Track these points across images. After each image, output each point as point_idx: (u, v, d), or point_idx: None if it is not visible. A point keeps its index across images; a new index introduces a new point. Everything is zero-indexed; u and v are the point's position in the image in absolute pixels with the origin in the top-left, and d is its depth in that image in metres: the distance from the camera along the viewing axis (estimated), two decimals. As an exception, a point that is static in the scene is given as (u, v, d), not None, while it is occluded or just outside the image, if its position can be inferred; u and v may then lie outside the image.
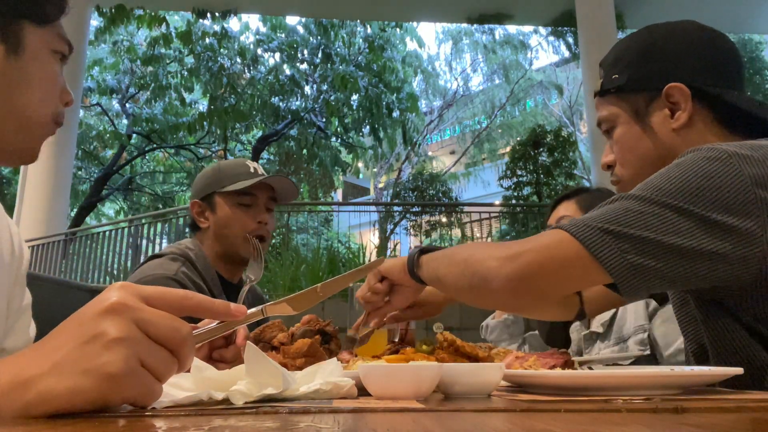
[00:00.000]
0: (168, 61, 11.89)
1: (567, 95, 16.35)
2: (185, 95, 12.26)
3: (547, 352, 0.95)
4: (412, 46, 15.12)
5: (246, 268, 1.36)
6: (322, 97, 12.31)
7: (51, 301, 1.59)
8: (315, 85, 12.63)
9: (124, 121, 13.22)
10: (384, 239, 10.46)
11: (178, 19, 12.49)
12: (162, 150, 14.07)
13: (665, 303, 1.63)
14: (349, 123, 13.03)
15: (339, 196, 18.77)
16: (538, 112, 17.45)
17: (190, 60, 11.90)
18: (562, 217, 1.87)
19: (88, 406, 0.49)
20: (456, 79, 17.86)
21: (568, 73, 16.48)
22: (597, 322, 1.74)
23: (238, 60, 11.98)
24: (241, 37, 12.62)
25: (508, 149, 11.47)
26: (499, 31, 15.24)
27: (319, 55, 12.40)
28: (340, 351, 1.14)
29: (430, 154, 19.20)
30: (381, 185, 18.37)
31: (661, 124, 1.03)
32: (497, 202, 10.37)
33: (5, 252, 0.89)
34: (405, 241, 10.46)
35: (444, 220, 9.50)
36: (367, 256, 6.98)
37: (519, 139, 11.91)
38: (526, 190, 8.84)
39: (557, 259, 0.85)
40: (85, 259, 8.28)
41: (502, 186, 9.32)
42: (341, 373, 0.76)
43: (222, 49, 11.58)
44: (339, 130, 13.28)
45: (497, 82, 17.32)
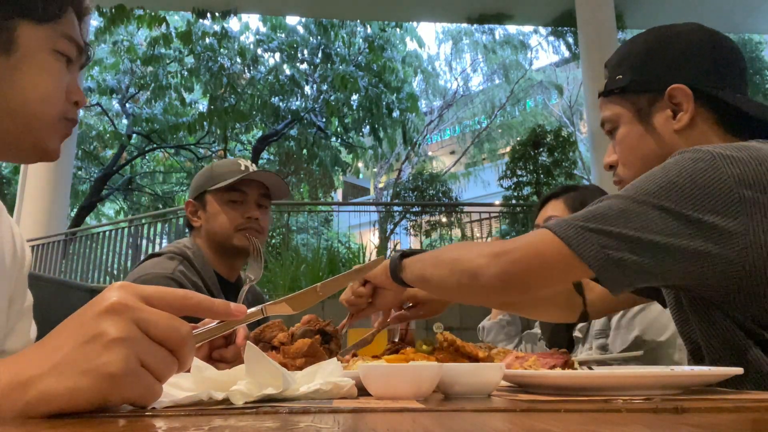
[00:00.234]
0: (168, 61, 11.88)
1: (567, 95, 16.33)
2: (185, 95, 12.26)
3: (548, 352, 0.95)
4: (412, 46, 15.14)
5: (245, 266, 1.36)
6: (322, 97, 12.31)
7: (51, 301, 1.59)
8: (315, 85, 12.62)
9: (124, 121, 13.21)
10: (384, 239, 10.46)
11: (178, 19, 12.48)
12: (162, 150, 14.06)
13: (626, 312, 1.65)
14: (349, 123, 13.03)
15: (339, 196, 18.75)
16: (538, 112, 17.43)
17: (190, 60, 11.90)
18: (549, 217, 1.86)
19: (88, 406, 0.49)
20: (456, 79, 17.86)
21: (568, 73, 16.46)
22: (576, 328, 1.76)
23: (238, 60, 11.96)
24: (241, 37, 12.61)
25: (508, 149, 11.46)
26: (499, 31, 15.23)
27: (319, 55, 12.39)
28: (340, 351, 1.15)
29: (430, 154, 19.19)
30: (381, 185, 18.37)
31: (664, 125, 1.03)
32: (497, 202, 10.37)
33: (7, 253, 0.89)
34: (405, 241, 10.46)
35: (444, 220, 9.50)
36: (367, 256, 6.98)
37: (519, 139, 11.90)
38: (526, 190, 8.84)
39: (541, 255, 0.90)
40: (85, 259, 8.28)
41: (502, 186, 9.32)
42: (341, 373, 0.76)
43: (222, 49, 11.57)
44: (339, 130, 13.27)
45: (497, 82, 17.31)
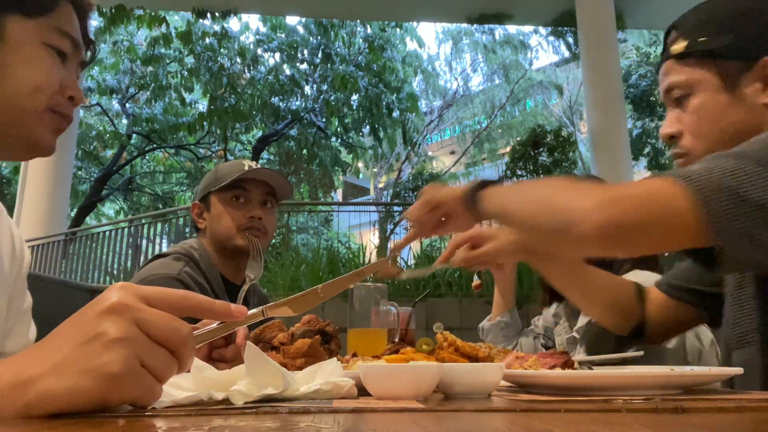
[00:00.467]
0: (168, 61, 11.88)
1: (567, 95, 16.32)
2: (185, 95, 12.25)
3: (547, 352, 0.95)
4: (412, 46, 15.13)
5: (246, 266, 1.36)
6: (322, 97, 12.30)
7: (51, 301, 1.59)
8: (315, 85, 12.62)
9: (124, 121, 13.21)
10: (384, 239, 10.46)
11: (178, 19, 12.48)
12: (162, 150, 14.06)
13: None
14: (349, 123, 13.02)
15: (339, 196, 18.74)
16: (538, 112, 17.42)
17: (190, 60, 11.89)
18: None
19: (88, 406, 0.49)
20: (456, 79, 17.84)
21: (568, 73, 16.44)
22: (574, 329, 1.66)
23: (238, 60, 11.96)
24: (241, 37, 12.61)
25: (508, 149, 11.44)
26: (499, 31, 15.22)
27: (319, 55, 12.39)
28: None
29: (430, 154, 19.18)
30: (381, 185, 18.36)
31: (753, 97, 0.92)
32: (497, 202, 10.34)
33: (6, 254, 0.88)
34: (405, 241, 10.43)
35: (444, 220, 9.47)
36: (367, 256, 6.97)
37: (519, 139, 11.88)
38: (526, 190, 8.82)
39: (662, 210, 0.74)
40: (85, 259, 8.28)
41: (502, 186, 9.29)
42: (341, 373, 0.76)
43: (222, 49, 11.57)
44: (339, 130, 13.27)
45: (497, 82, 17.30)
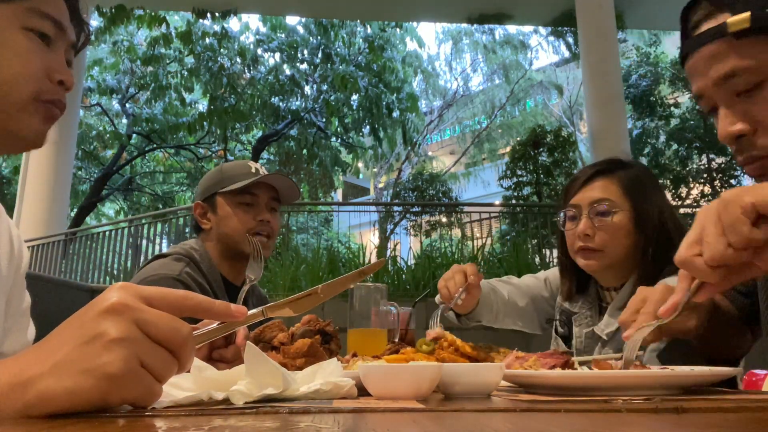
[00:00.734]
0: (168, 61, 11.88)
1: (567, 95, 16.33)
2: (185, 95, 12.26)
3: (547, 352, 0.95)
4: (412, 46, 15.14)
5: (246, 267, 1.36)
6: (322, 97, 12.30)
7: (51, 301, 1.59)
8: (315, 85, 12.62)
9: (124, 121, 13.21)
10: (384, 239, 10.46)
11: (178, 19, 12.48)
12: (162, 150, 14.06)
13: None
14: (349, 123, 13.02)
15: (339, 196, 18.76)
16: (538, 112, 17.44)
17: (190, 60, 11.90)
18: (599, 201, 1.40)
19: (88, 406, 0.49)
20: (456, 79, 17.86)
21: (568, 73, 16.45)
22: (603, 330, 1.44)
23: (238, 60, 11.97)
24: (241, 37, 12.61)
25: (508, 149, 11.46)
26: (499, 31, 15.24)
27: (319, 55, 12.39)
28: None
29: (430, 154, 19.19)
30: (381, 185, 18.37)
31: None
32: (497, 202, 10.37)
33: (4, 254, 0.88)
34: (405, 241, 10.45)
35: (444, 220, 9.49)
36: (367, 256, 6.98)
37: (519, 139, 11.91)
38: (526, 190, 8.84)
39: None
40: (85, 259, 8.28)
41: (502, 186, 9.31)
42: (341, 373, 0.76)
43: (222, 49, 11.58)
44: (339, 130, 13.27)
45: (497, 82, 17.31)
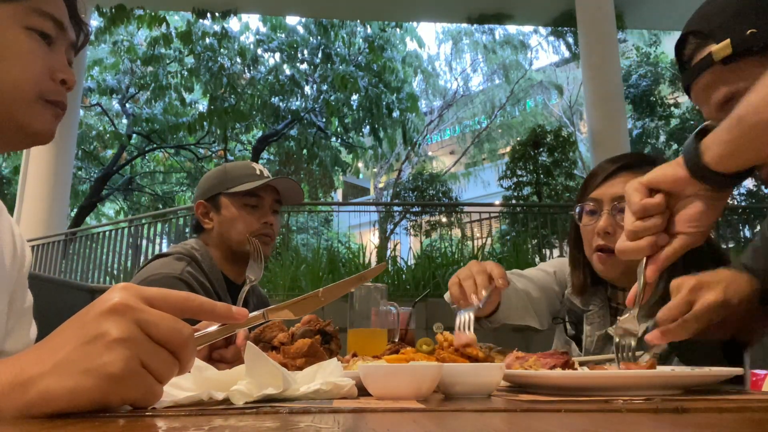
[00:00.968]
0: (168, 61, 11.88)
1: (567, 95, 16.33)
2: (185, 95, 12.26)
3: (547, 352, 0.95)
4: (412, 46, 15.13)
5: (247, 268, 1.36)
6: (322, 97, 12.30)
7: (51, 301, 1.59)
8: (315, 85, 12.62)
9: (124, 121, 13.21)
10: (384, 239, 10.46)
11: (178, 19, 12.48)
12: (162, 150, 14.06)
13: None
14: (349, 123, 13.02)
15: (339, 196, 18.75)
16: (538, 112, 17.44)
17: (190, 60, 11.90)
18: (622, 198, 1.22)
19: (89, 406, 0.49)
20: (456, 79, 17.86)
21: (568, 73, 16.46)
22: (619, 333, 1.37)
23: (238, 60, 11.96)
24: (241, 37, 12.61)
25: (508, 149, 11.46)
26: (499, 31, 15.24)
27: (319, 55, 12.38)
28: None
29: (430, 154, 19.19)
30: (381, 185, 18.37)
31: None
32: (497, 202, 10.37)
33: (6, 253, 0.88)
34: (405, 241, 10.45)
35: (444, 220, 9.49)
36: (367, 256, 6.98)
37: (519, 139, 11.91)
38: (526, 190, 8.84)
39: None
40: (85, 259, 8.28)
41: (502, 186, 9.31)
42: (341, 373, 0.76)
43: (222, 49, 11.57)
44: (339, 130, 13.27)
45: (497, 82, 17.32)
